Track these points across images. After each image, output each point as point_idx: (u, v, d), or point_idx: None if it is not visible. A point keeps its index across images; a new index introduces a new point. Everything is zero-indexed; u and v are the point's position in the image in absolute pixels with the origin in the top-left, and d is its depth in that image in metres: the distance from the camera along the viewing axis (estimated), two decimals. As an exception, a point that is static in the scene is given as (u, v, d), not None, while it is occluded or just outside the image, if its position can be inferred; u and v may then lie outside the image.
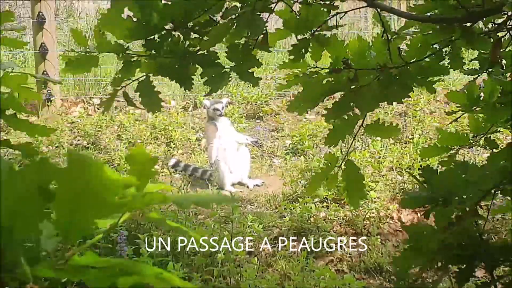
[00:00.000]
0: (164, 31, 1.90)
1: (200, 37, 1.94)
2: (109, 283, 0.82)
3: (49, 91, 7.43)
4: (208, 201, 0.99)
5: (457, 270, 1.79)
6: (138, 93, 2.03)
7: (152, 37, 1.90)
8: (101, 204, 0.83)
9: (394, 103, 6.68)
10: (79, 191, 0.82)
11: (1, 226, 0.83)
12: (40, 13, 7.35)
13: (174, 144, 6.80)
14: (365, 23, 11.68)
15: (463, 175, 1.81)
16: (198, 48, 1.97)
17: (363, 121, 1.93)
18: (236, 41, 1.98)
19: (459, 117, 2.11)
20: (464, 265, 1.78)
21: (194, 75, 2.00)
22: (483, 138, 2.15)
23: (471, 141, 2.06)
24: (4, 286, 0.86)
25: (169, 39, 1.91)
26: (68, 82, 8.28)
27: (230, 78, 2.04)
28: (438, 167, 1.98)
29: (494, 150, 1.97)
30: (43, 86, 7.13)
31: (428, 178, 1.80)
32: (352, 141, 2.07)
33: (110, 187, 0.82)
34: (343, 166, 1.99)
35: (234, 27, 1.88)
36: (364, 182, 1.99)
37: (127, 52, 1.99)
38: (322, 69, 1.90)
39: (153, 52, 1.94)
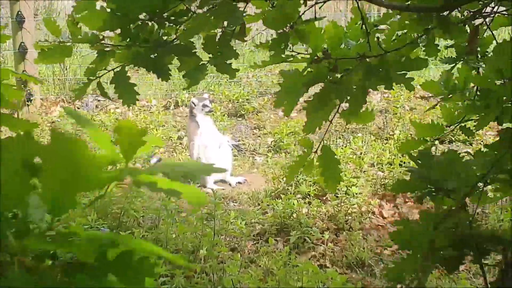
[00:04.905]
0: (140, 22, 1.89)
1: (176, 27, 1.94)
2: (96, 253, 0.82)
3: (28, 91, 7.36)
4: (196, 172, 0.99)
5: (447, 258, 1.80)
6: (113, 85, 2.03)
7: (127, 27, 1.90)
8: (87, 179, 0.83)
9: (375, 101, 6.68)
10: (64, 167, 0.82)
11: None
12: (19, 13, 7.28)
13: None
14: (345, 23, 11.73)
15: (452, 167, 1.81)
16: (174, 37, 1.96)
17: (339, 107, 1.94)
18: (212, 33, 1.98)
19: (436, 105, 2.13)
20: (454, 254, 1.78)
21: (170, 64, 2.00)
22: (457, 127, 2.17)
23: (446, 131, 2.08)
24: None
25: (144, 29, 1.90)
26: (48, 82, 8.21)
27: (207, 71, 2.03)
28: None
29: (470, 137, 1.98)
30: (22, 85, 7.06)
31: (425, 163, 1.80)
32: (328, 126, 2.08)
33: (95, 163, 0.82)
34: (319, 152, 2.00)
35: (211, 18, 1.88)
36: (339, 166, 2.00)
37: (101, 42, 1.98)
38: (298, 53, 1.91)
39: (128, 41, 1.93)
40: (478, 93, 2.05)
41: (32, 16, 7.64)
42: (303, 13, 1.92)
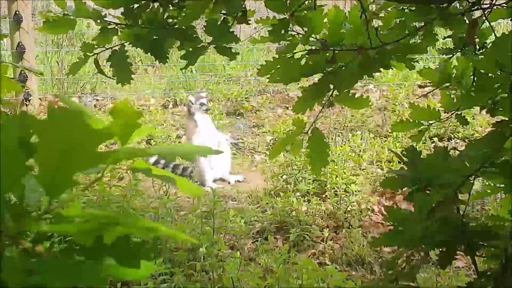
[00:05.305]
0: (144, 1, 1.90)
1: (179, 10, 1.94)
2: (94, 235, 0.81)
3: (27, 91, 7.33)
4: (192, 153, 0.98)
5: (439, 253, 1.80)
6: (110, 63, 2.04)
7: (131, 6, 1.91)
8: (83, 154, 0.82)
9: (374, 99, 6.64)
10: (60, 141, 0.80)
11: None
12: (17, 12, 7.25)
13: (154, 141, 6.76)
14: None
15: (444, 161, 1.81)
16: (176, 21, 1.97)
17: (332, 91, 1.94)
18: (215, 17, 1.99)
19: (429, 93, 2.12)
20: (445, 249, 1.78)
21: (171, 47, 2.00)
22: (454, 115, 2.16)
23: (442, 118, 2.08)
24: None
25: (148, 10, 1.91)
26: (46, 81, 8.20)
27: (207, 51, 2.05)
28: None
29: (464, 125, 1.97)
30: (21, 85, 7.04)
31: (411, 159, 1.80)
32: (322, 109, 2.08)
33: (92, 137, 0.81)
34: (309, 133, 2.01)
35: (213, 3, 1.88)
36: (328, 150, 2.01)
37: (105, 19, 1.99)
38: (298, 34, 1.90)
39: (131, 21, 1.95)
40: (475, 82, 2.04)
41: (30, 16, 7.62)
42: (303, 3, 1.91)
